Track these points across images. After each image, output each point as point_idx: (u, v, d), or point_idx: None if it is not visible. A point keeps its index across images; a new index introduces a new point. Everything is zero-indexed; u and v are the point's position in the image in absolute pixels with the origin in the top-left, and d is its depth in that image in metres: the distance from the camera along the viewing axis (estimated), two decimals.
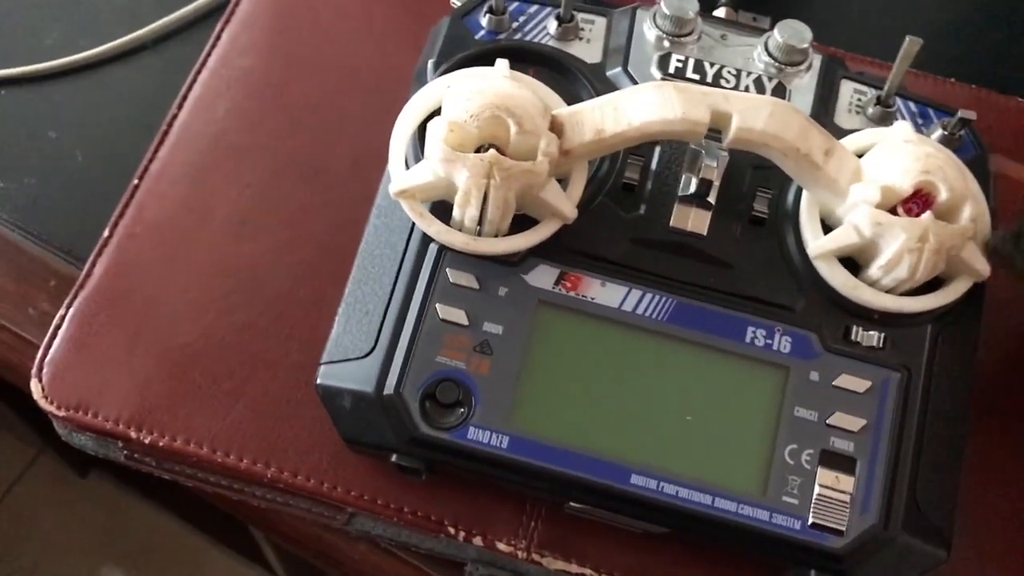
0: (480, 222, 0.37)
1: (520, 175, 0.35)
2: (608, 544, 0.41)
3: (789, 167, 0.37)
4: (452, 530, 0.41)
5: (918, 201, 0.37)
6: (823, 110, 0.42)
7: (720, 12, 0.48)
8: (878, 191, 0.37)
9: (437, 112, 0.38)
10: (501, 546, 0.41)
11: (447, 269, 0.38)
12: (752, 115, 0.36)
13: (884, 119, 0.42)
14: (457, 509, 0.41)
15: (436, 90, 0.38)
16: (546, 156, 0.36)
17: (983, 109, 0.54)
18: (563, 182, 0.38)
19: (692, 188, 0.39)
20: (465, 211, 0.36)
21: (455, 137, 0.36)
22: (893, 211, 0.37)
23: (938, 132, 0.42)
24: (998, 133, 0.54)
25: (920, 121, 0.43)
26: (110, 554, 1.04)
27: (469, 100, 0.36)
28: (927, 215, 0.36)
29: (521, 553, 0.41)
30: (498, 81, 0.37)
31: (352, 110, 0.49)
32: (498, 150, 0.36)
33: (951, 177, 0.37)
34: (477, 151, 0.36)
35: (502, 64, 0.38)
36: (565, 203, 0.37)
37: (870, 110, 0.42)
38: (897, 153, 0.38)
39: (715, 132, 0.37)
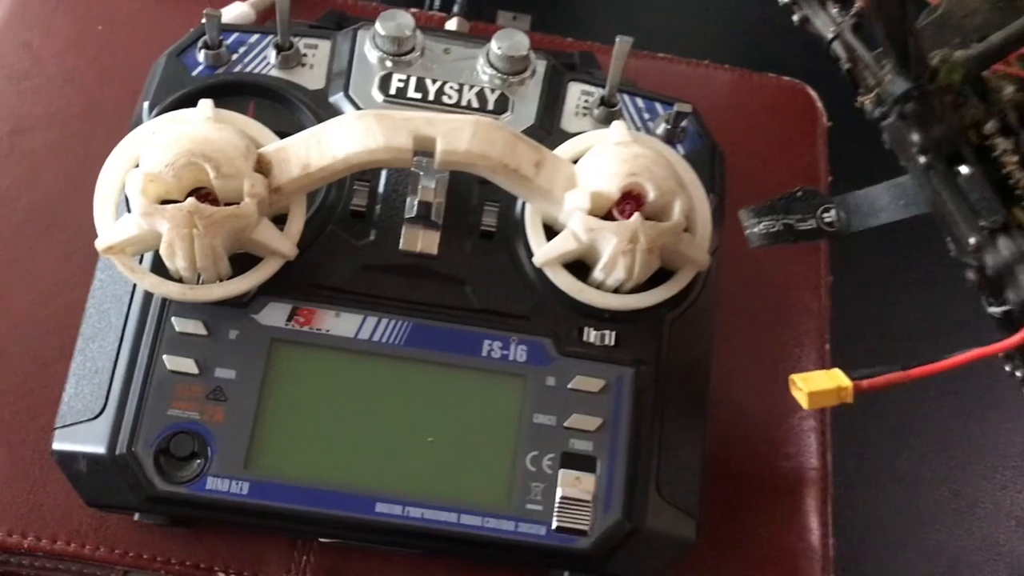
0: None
1: (224, 220, 0.35)
2: (382, 568, 0.41)
3: (501, 182, 0.38)
4: (222, 574, 0.41)
5: (631, 202, 0.38)
6: (549, 116, 0.42)
7: (452, 24, 0.48)
8: (588, 197, 0.37)
9: None
10: None
11: (172, 318, 0.37)
12: (455, 137, 0.36)
13: (609, 118, 0.42)
14: (226, 553, 0.41)
15: (140, 137, 0.37)
16: (252, 197, 0.35)
17: (739, 88, 0.56)
18: (284, 217, 0.38)
19: (419, 210, 0.39)
20: (174, 262, 0.35)
21: (156, 188, 0.35)
22: (609, 214, 0.38)
23: (662, 127, 0.43)
24: (755, 110, 0.56)
25: (647, 116, 0.44)
26: None
27: (165, 149, 0.35)
28: (635, 217, 0.37)
29: None
30: (197, 126, 0.36)
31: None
32: (209, 193, 0.36)
33: (659, 176, 0.38)
34: (190, 194, 0.36)
35: (205, 105, 0.37)
36: (281, 241, 0.37)
37: (596, 111, 0.43)
38: (606, 157, 0.38)
39: (429, 154, 0.37)
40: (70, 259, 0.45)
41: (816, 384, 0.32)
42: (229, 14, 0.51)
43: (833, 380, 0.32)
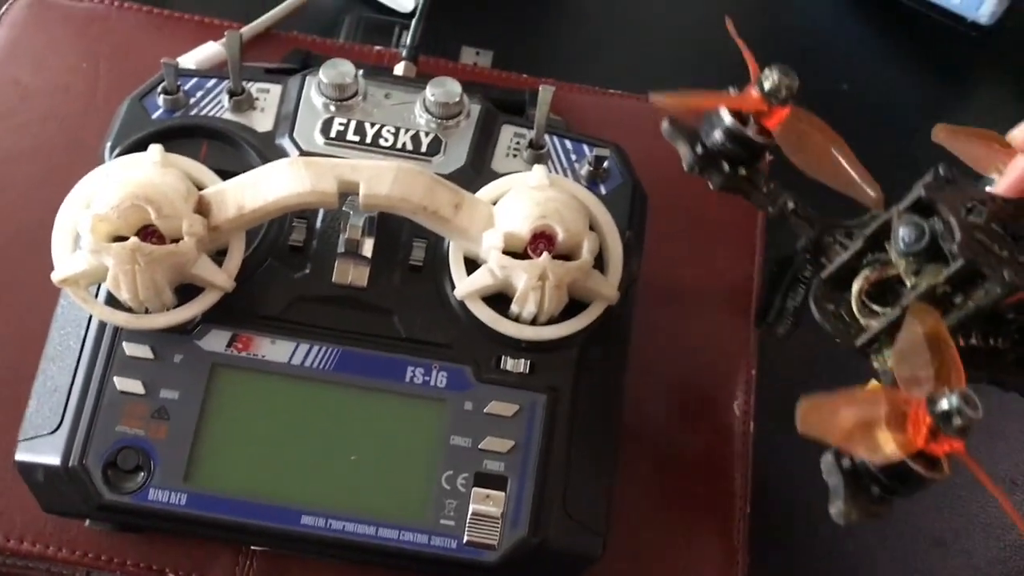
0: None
1: (163, 257, 0.39)
2: (319, 574, 0.45)
3: (423, 222, 0.41)
4: None
5: (543, 241, 0.41)
6: (480, 157, 0.46)
7: (399, 68, 0.51)
8: (502, 237, 0.41)
9: None
10: None
11: (123, 343, 0.41)
12: (377, 182, 0.40)
13: (537, 160, 0.46)
14: (176, 557, 0.45)
15: (94, 179, 0.41)
16: (191, 236, 0.39)
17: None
18: (226, 251, 0.41)
19: (346, 247, 0.42)
20: (120, 293, 0.39)
21: (105, 226, 0.39)
22: (525, 252, 0.41)
23: (586, 168, 0.46)
24: None
25: (574, 157, 0.47)
26: None
27: (112, 192, 0.39)
28: (544, 256, 0.40)
29: None
30: (143, 170, 0.40)
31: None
32: (156, 231, 0.39)
33: (568, 219, 0.41)
34: (139, 231, 0.39)
35: (153, 150, 0.41)
36: (218, 275, 0.40)
37: (525, 152, 0.46)
38: (521, 200, 0.42)
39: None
40: (47, 283, 0.49)
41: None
42: (202, 53, 0.55)
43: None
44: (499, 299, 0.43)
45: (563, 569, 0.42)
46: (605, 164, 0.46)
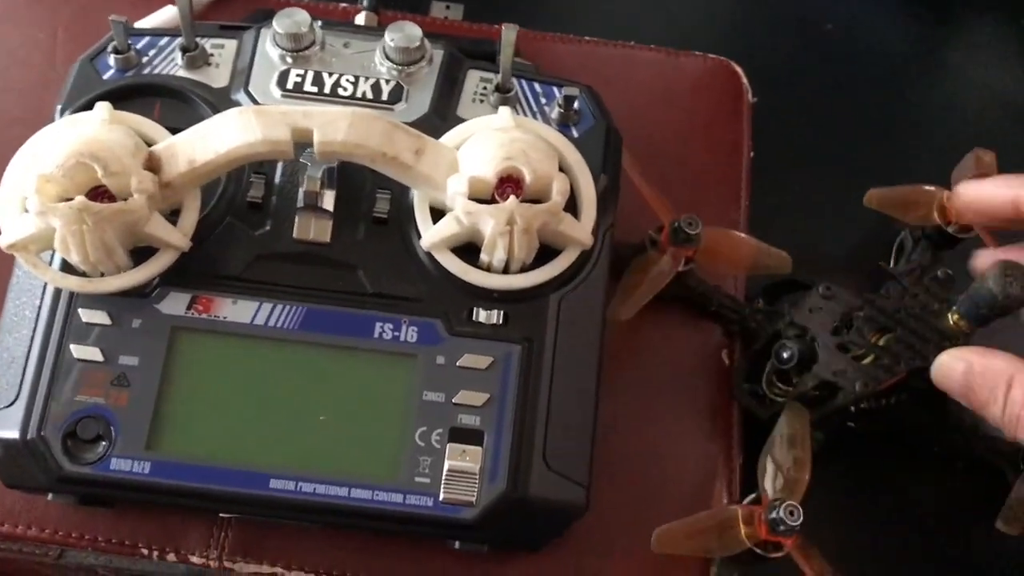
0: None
1: (112, 216, 0.37)
2: (297, 542, 0.43)
3: (383, 170, 0.39)
4: (145, 551, 0.43)
5: (510, 185, 0.39)
6: (444, 103, 0.44)
7: (360, 18, 0.49)
8: (467, 182, 0.39)
9: None
10: (194, 559, 0.43)
11: (79, 309, 0.40)
12: (332, 128, 0.38)
13: (505, 104, 0.44)
14: (149, 530, 0.43)
15: (40, 140, 0.40)
16: (140, 193, 0.37)
17: (664, 67, 0.57)
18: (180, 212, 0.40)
19: (306, 200, 0.41)
20: (70, 256, 0.38)
21: (52, 188, 0.37)
22: (493, 198, 0.40)
23: (556, 110, 0.44)
24: (679, 88, 0.56)
25: (543, 100, 0.45)
26: None
27: (57, 151, 0.37)
28: (511, 200, 0.39)
29: (213, 563, 0.43)
30: (88, 127, 0.38)
31: None
32: (107, 191, 0.38)
33: (535, 160, 0.39)
34: (90, 192, 0.38)
35: (100, 108, 0.40)
36: (173, 234, 0.39)
37: (492, 97, 0.44)
38: (485, 142, 0.40)
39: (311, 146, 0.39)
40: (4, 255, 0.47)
41: None
42: (160, 17, 0.53)
43: None
44: (469, 250, 0.41)
45: (548, 524, 0.40)
46: (576, 105, 0.44)
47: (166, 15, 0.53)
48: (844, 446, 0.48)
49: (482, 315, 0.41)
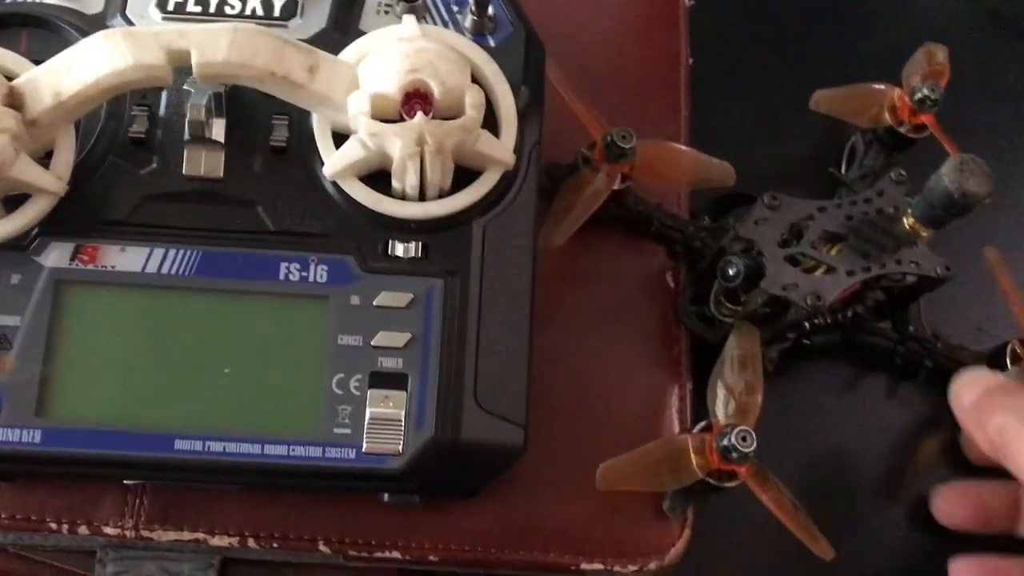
0: None
1: None
2: (219, 506, 0.40)
3: (274, 91, 0.36)
4: (54, 525, 0.40)
5: (419, 101, 0.36)
6: (344, 17, 0.40)
7: None
8: (368, 100, 0.35)
9: None
10: (108, 530, 0.40)
11: None
12: (211, 47, 0.34)
13: (411, 13, 0.40)
14: (58, 504, 0.40)
15: None
16: (2, 133, 0.33)
17: None
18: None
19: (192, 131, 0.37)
20: None
21: None
22: (400, 117, 0.36)
23: (469, 18, 0.40)
24: None
25: (455, 8, 0.41)
26: None
27: None
28: (419, 116, 0.35)
29: (129, 532, 0.40)
30: None
31: None
32: None
33: (443, 71, 0.36)
34: None
35: None
36: (45, 178, 0.35)
37: (398, 7, 0.40)
38: (388, 54, 0.36)
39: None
40: None
41: None
42: None
43: None
44: (381, 178, 0.37)
45: (483, 468, 0.37)
46: (490, 11, 0.40)
47: None
48: (799, 364, 0.46)
49: (399, 248, 0.37)
